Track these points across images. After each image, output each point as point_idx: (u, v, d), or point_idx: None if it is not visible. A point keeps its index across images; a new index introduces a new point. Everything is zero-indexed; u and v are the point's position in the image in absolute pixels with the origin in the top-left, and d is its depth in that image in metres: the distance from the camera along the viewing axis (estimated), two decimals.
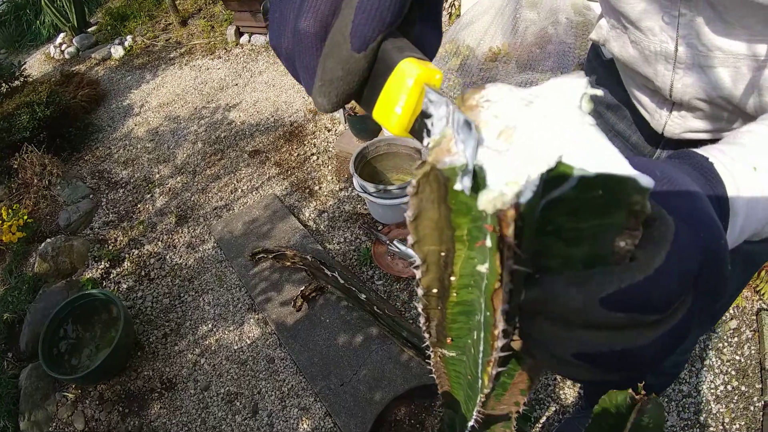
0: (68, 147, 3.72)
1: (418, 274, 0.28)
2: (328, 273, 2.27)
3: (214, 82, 4.17)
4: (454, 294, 0.28)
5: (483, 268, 0.25)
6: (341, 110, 2.97)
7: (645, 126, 0.80)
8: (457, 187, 0.22)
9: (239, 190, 3.01)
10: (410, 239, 0.26)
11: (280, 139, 3.31)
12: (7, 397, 2.20)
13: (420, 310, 0.32)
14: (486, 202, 0.21)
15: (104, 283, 2.66)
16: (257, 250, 2.50)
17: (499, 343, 0.27)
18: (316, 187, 2.87)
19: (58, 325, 2.30)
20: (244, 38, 4.59)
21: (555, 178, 0.21)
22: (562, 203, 0.22)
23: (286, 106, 3.62)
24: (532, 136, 0.21)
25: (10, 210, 2.93)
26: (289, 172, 3.02)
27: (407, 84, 0.25)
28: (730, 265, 0.27)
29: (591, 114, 0.21)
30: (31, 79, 4.22)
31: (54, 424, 2.14)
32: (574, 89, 0.21)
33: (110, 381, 2.23)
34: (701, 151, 0.38)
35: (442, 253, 0.26)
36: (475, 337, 0.31)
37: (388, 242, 2.36)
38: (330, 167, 2.97)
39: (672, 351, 0.25)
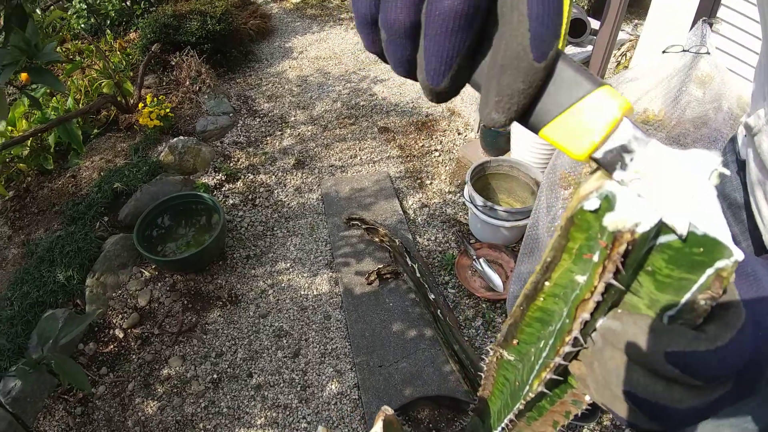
0: (225, 65, 4.02)
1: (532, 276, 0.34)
2: (409, 262, 2.33)
3: None
4: (541, 299, 0.33)
5: (581, 278, 0.29)
6: (479, 118, 3.00)
7: (757, 236, 0.77)
8: (587, 205, 0.26)
9: (358, 158, 3.13)
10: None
11: (411, 125, 3.40)
12: (87, 252, 2.38)
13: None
14: (611, 221, 0.26)
15: (215, 193, 2.88)
16: (354, 217, 2.60)
17: (566, 349, 0.32)
18: (428, 182, 2.93)
19: (161, 211, 2.49)
20: None
21: (669, 225, 0.25)
22: (667, 249, 0.26)
23: None
24: (666, 185, 0.25)
25: (155, 99, 3.23)
26: (408, 159, 3.10)
27: (612, 113, 0.25)
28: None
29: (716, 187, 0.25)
30: None
31: (120, 291, 2.35)
32: (709, 162, 0.25)
33: (187, 275, 2.42)
34: None
35: (548, 259, 0.30)
36: (542, 345, 0.35)
37: (474, 257, 2.37)
38: (447, 168, 3.02)
39: (697, 419, 0.29)
